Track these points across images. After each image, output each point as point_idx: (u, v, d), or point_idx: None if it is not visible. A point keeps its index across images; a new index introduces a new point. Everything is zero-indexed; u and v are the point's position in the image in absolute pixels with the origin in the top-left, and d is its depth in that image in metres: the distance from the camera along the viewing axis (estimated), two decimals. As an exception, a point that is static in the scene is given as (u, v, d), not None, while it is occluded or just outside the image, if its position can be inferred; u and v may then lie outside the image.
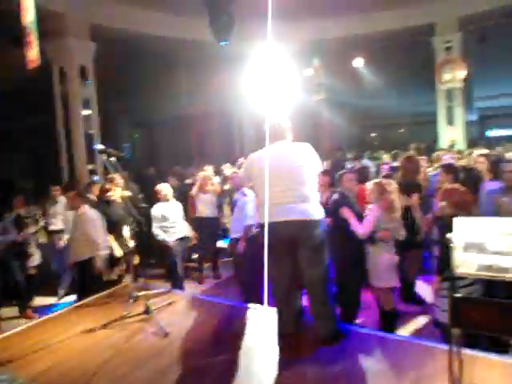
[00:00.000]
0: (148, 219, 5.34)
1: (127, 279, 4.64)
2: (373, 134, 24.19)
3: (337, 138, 17.98)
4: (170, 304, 3.61)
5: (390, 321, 3.50)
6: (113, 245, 4.76)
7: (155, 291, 3.81)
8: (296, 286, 2.97)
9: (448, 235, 2.22)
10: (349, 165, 7.45)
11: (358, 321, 3.86)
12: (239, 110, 13.02)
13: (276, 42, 8.72)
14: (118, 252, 4.80)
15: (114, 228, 4.81)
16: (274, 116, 3.08)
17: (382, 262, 3.41)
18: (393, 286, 3.49)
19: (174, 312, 3.51)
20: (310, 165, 2.86)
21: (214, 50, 10.00)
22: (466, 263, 2.14)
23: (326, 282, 2.79)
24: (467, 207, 3.06)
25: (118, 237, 4.84)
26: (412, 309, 4.38)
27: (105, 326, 3.20)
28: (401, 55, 10.10)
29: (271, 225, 2.75)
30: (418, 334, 3.84)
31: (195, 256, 6.35)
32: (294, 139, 3.09)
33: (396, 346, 2.72)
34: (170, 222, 5.22)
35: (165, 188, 5.30)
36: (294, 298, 2.97)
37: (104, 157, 3.40)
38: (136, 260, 4.95)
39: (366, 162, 8.29)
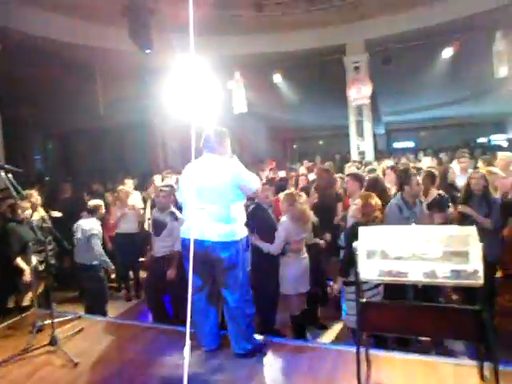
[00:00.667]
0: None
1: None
2: (294, 146, 25.27)
3: (258, 151, 18.46)
4: (79, 331, 3.35)
5: (300, 325, 3.63)
6: (24, 268, 4.29)
7: (63, 318, 3.50)
8: (215, 301, 2.93)
9: (354, 243, 2.37)
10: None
11: (276, 327, 3.92)
12: (161, 122, 12.76)
13: (198, 55, 8.81)
14: (28, 276, 4.33)
15: (25, 250, 4.34)
16: (208, 127, 2.92)
17: (291, 271, 3.54)
18: (302, 291, 3.62)
19: (85, 339, 3.26)
20: (228, 183, 2.71)
21: (135, 60, 9.74)
22: (368, 269, 2.29)
23: (239, 303, 2.75)
24: (375, 216, 3.22)
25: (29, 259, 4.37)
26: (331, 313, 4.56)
27: (4, 362, 2.86)
28: (317, 72, 10.71)
29: (188, 242, 2.73)
30: (337, 338, 4.00)
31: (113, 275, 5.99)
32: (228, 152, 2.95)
33: (310, 352, 2.81)
34: None
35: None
36: (213, 314, 2.92)
37: (2, 173, 3.07)
38: (43, 285, 4.50)
39: (282, 173, 8.60)
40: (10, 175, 3.03)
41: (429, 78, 12.32)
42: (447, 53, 9.59)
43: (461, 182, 4.80)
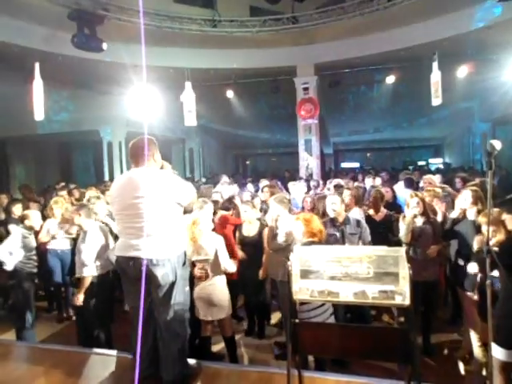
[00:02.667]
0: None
1: None
2: (247, 162, 25.48)
3: (211, 165, 18.40)
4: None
5: (231, 346, 3.52)
6: None
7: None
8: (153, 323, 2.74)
9: (288, 262, 2.35)
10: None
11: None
12: (109, 132, 12.34)
13: (148, 65, 8.70)
14: None
15: None
16: (136, 139, 2.70)
17: (217, 295, 3.41)
18: (229, 313, 3.52)
19: (1, 368, 2.94)
20: (158, 196, 2.52)
21: (83, 68, 9.36)
22: (302, 289, 2.28)
23: (171, 324, 2.57)
24: (319, 235, 3.27)
25: None
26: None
27: None
28: (269, 90, 10.93)
29: (118, 259, 2.66)
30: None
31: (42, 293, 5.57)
32: (164, 163, 2.79)
33: (244, 377, 2.73)
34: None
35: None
36: (151, 335, 2.70)
37: None
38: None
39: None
40: None
41: (372, 102, 13.05)
42: (390, 79, 10.16)
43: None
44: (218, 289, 3.41)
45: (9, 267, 3.95)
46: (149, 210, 2.48)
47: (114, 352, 3.21)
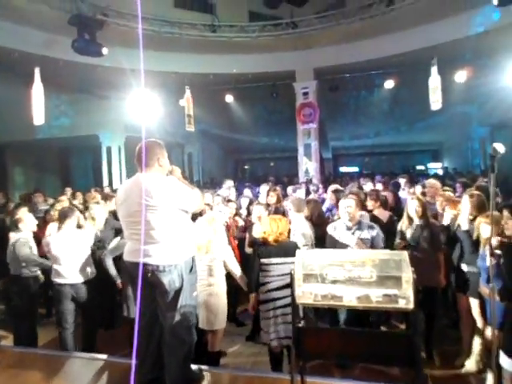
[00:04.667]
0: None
1: None
2: (246, 167, 25.49)
3: (211, 170, 18.41)
4: (-6, 364, 2.99)
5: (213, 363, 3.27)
6: None
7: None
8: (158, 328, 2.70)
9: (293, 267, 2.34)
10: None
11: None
12: (108, 137, 12.34)
13: (148, 70, 8.72)
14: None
15: None
16: (143, 142, 2.53)
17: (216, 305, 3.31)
18: (223, 327, 3.39)
19: (3, 373, 2.91)
20: (162, 204, 2.47)
21: (82, 72, 9.38)
22: (305, 294, 2.26)
23: (176, 330, 2.54)
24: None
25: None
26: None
27: None
28: (269, 95, 10.95)
29: (126, 263, 2.68)
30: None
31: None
32: (174, 168, 2.75)
33: (247, 382, 2.70)
34: None
35: None
36: (155, 340, 2.65)
37: None
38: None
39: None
40: None
41: (371, 107, 13.07)
42: (389, 84, 10.19)
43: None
44: (217, 293, 3.33)
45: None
46: (153, 216, 2.46)
47: (115, 358, 3.19)
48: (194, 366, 2.77)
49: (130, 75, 8.58)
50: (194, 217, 3.12)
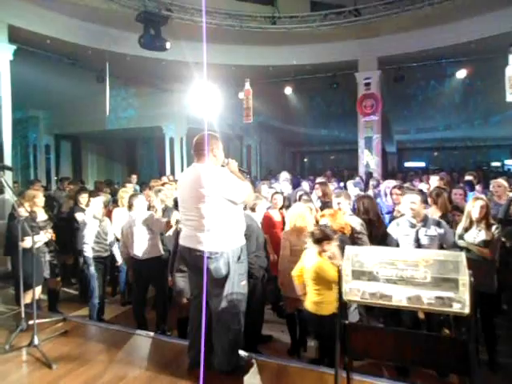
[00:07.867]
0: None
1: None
2: (305, 159, 25.21)
3: (269, 162, 18.48)
4: (63, 334, 3.30)
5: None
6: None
7: (48, 320, 3.47)
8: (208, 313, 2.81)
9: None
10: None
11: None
12: (171, 128, 12.88)
13: (209, 63, 8.94)
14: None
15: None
16: (199, 134, 2.74)
17: None
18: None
19: (67, 342, 3.20)
20: (211, 194, 2.56)
21: (147, 67, 9.88)
22: (352, 290, 2.21)
23: (225, 316, 2.65)
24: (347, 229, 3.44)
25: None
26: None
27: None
28: (329, 86, 10.69)
29: (180, 248, 2.84)
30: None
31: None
32: (230, 161, 2.83)
33: (293, 373, 2.72)
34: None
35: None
36: (205, 325, 2.76)
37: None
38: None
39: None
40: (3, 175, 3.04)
41: (441, 99, 12.22)
42: (461, 74, 9.49)
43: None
44: None
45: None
46: (203, 205, 2.58)
47: (168, 338, 3.38)
48: (242, 353, 2.85)
49: (192, 68, 8.86)
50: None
